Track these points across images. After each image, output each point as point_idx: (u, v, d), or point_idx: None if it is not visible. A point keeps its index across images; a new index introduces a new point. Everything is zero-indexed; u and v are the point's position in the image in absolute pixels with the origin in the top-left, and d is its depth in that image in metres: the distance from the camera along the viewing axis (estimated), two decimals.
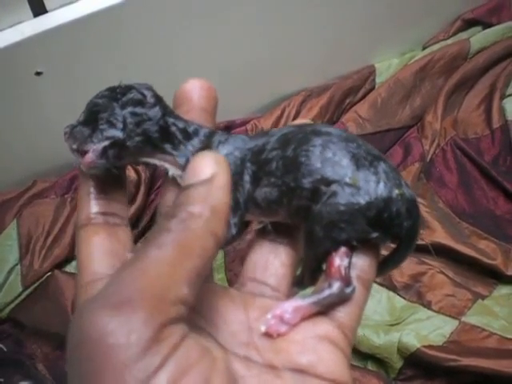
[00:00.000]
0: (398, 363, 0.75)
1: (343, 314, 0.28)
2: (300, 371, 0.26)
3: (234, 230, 0.29)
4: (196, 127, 0.29)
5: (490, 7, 1.05)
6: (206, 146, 0.29)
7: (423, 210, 0.88)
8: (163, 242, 0.23)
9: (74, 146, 0.28)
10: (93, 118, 0.28)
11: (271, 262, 0.30)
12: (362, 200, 0.27)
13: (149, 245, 0.23)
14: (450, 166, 0.96)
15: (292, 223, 0.30)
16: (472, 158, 0.95)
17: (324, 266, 0.29)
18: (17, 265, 0.75)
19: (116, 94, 0.28)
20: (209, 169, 0.24)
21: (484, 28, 1.06)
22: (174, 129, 0.29)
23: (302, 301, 0.28)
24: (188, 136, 0.29)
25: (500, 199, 0.94)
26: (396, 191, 0.28)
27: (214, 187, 0.24)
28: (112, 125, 0.27)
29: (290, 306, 0.28)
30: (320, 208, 0.27)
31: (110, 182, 0.30)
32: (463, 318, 0.78)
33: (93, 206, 0.29)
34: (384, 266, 0.32)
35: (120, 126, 0.27)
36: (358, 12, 0.93)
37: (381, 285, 0.83)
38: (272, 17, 0.83)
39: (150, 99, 0.28)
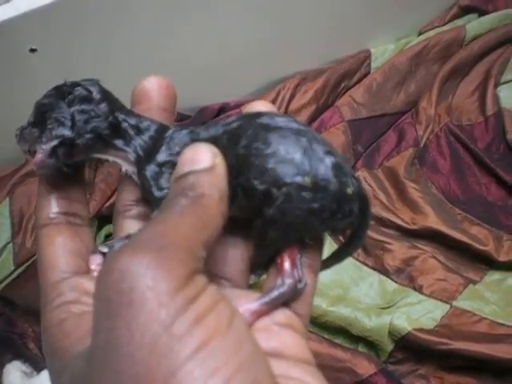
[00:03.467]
0: (388, 346, 0.75)
1: (298, 304, 0.29)
2: (267, 355, 0.26)
3: None
4: (148, 123, 0.29)
5: None
6: (156, 141, 0.29)
7: (416, 195, 0.89)
8: (183, 211, 0.24)
9: (25, 148, 0.29)
10: (41, 118, 0.28)
11: (231, 256, 0.30)
12: (316, 203, 0.26)
13: (169, 211, 0.25)
14: (443, 151, 0.96)
15: (245, 217, 0.30)
16: (465, 144, 0.96)
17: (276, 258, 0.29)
18: (9, 243, 0.74)
19: (62, 92, 0.28)
20: (208, 158, 0.26)
21: (480, 15, 1.06)
22: (125, 125, 0.29)
23: (258, 303, 0.28)
24: (140, 132, 0.29)
25: (492, 186, 0.94)
26: (348, 189, 0.27)
27: (216, 174, 0.26)
28: (60, 123, 0.27)
29: (247, 311, 0.28)
30: (273, 212, 0.27)
31: (69, 182, 0.31)
32: (454, 303, 0.78)
33: (53, 206, 0.30)
34: (336, 258, 0.33)
35: (68, 124, 0.27)
36: None
37: (373, 268, 0.83)
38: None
39: (97, 95, 0.28)
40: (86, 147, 0.28)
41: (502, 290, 0.83)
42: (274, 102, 0.93)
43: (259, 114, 0.29)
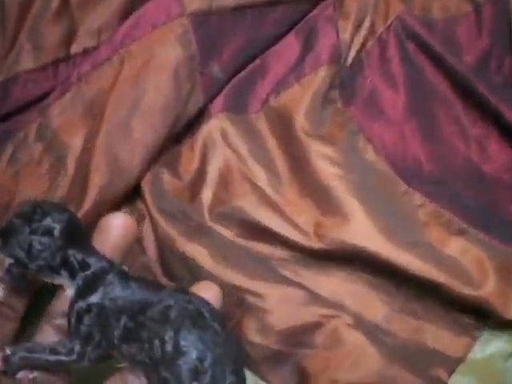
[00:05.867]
0: None
1: None
2: None
3: (74, 356, 0.31)
4: (96, 260, 0.32)
5: None
6: (96, 281, 0.31)
7: (329, 173, 0.42)
8: None
9: None
10: (7, 234, 0.31)
11: None
12: None
13: None
14: (392, 73, 0.48)
15: None
16: (437, 56, 0.47)
17: None
18: None
19: (31, 219, 0.31)
20: None
21: None
22: (72, 259, 0.32)
23: None
24: (85, 267, 0.32)
25: (491, 140, 0.46)
26: None
27: None
28: (19, 245, 0.31)
29: None
30: None
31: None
32: None
33: None
34: None
35: (25, 248, 0.31)
36: None
37: None
38: None
39: (57, 233, 0.31)
40: (36, 271, 0.32)
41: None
42: None
43: (199, 301, 0.31)
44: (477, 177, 0.45)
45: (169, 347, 0.29)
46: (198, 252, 0.40)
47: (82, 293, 0.31)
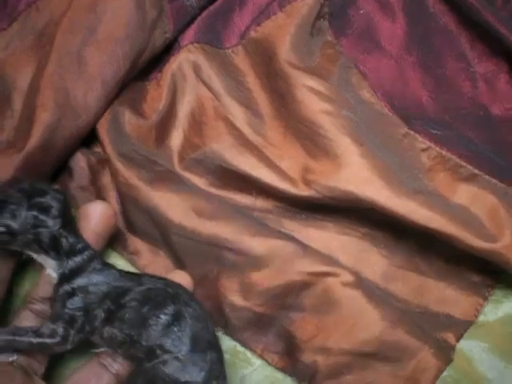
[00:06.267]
0: None
1: None
2: None
3: (58, 338, 0.31)
4: (83, 246, 0.33)
5: None
6: (82, 267, 0.32)
7: (318, 109, 0.35)
8: None
9: None
10: (3, 202, 0.32)
11: None
12: (182, 378, 0.30)
13: None
14: (390, 2, 0.43)
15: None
16: None
17: None
18: None
19: (31, 194, 0.32)
20: None
21: None
22: (63, 241, 0.32)
23: None
24: (73, 251, 0.32)
25: (501, 78, 0.41)
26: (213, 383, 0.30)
27: None
28: (13, 216, 0.31)
29: None
30: (149, 367, 0.30)
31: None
32: None
33: None
34: None
35: (20, 220, 0.31)
36: None
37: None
38: None
39: (54, 212, 0.32)
40: (24, 244, 0.32)
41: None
42: None
43: (176, 286, 0.32)
44: (485, 118, 0.40)
45: (151, 322, 0.31)
46: (165, 203, 0.34)
47: (68, 276, 0.32)
